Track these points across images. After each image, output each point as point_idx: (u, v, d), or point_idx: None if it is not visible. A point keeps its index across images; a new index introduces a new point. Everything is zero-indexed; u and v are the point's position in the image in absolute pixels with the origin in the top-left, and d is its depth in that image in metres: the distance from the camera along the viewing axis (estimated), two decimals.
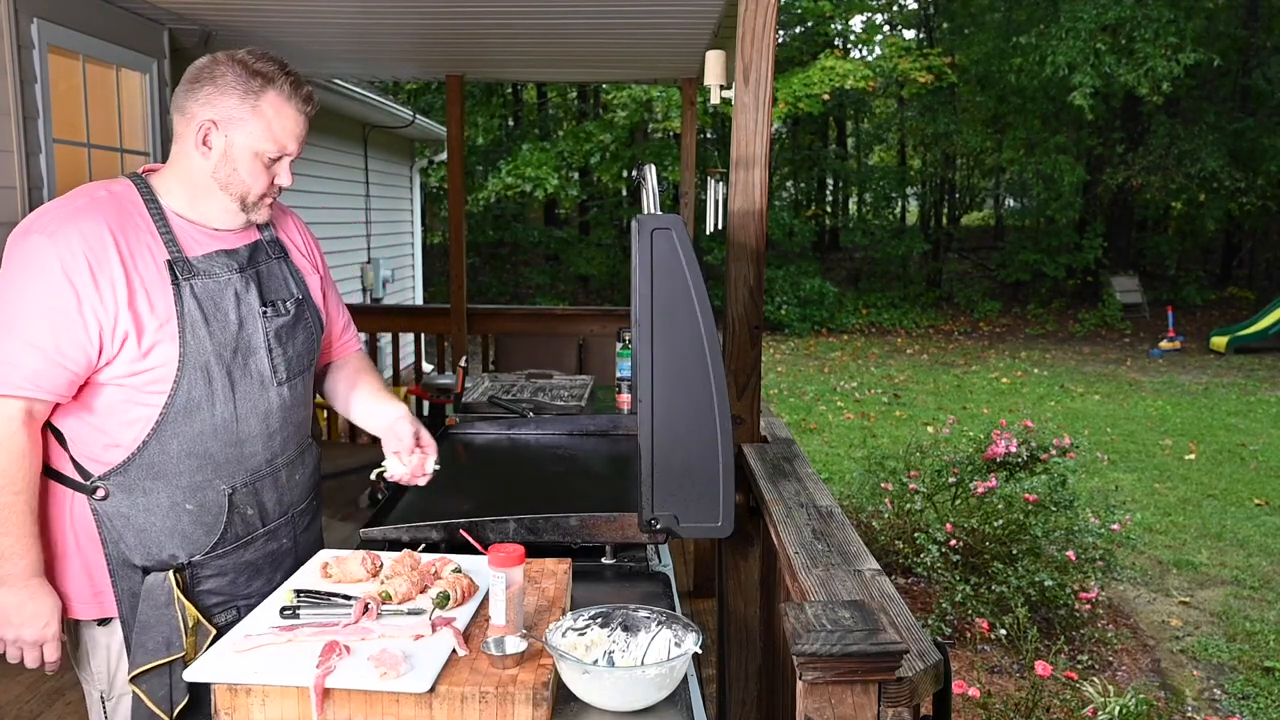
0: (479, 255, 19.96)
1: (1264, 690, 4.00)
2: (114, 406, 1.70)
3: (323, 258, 2.05)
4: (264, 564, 1.86)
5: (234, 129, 1.71)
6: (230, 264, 1.78)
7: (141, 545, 1.72)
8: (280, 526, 1.89)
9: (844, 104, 20.50)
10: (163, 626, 1.70)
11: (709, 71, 2.84)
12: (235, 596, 1.81)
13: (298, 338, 1.87)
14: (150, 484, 1.71)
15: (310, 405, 1.98)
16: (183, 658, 1.69)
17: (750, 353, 2.74)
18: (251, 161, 1.74)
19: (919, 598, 4.61)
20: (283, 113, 1.73)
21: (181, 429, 1.71)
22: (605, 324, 6.57)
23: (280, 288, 1.86)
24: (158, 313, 1.67)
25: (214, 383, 1.72)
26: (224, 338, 1.74)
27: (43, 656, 1.73)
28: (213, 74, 1.71)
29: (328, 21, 5.01)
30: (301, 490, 1.95)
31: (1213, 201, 17.25)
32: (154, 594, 1.71)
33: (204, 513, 1.75)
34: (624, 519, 1.94)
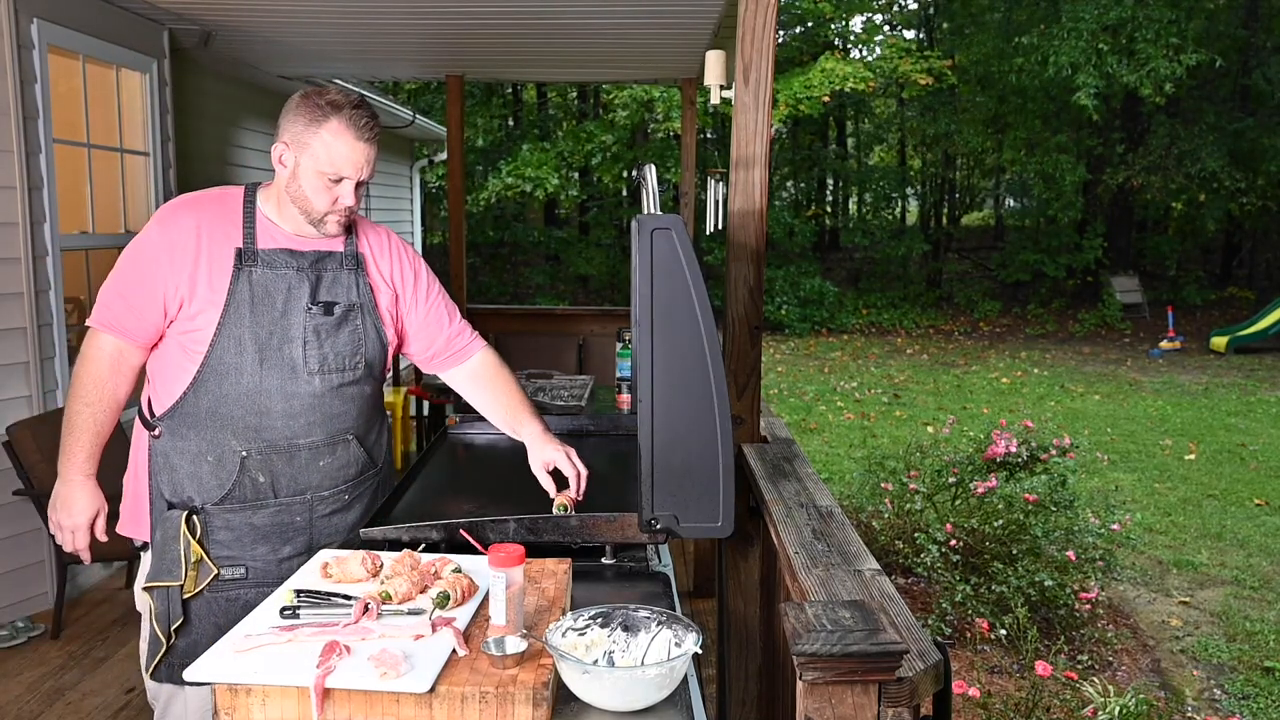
0: (479, 255, 19.95)
1: (1264, 690, 4.00)
2: (172, 359, 2.03)
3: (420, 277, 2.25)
4: (271, 532, 2.06)
5: (301, 151, 1.99)
6: (291, 262, 2.04)
7: (171, 483, 2.04)
8: (295, 503, 2.07)
9: (844, 104, 20.51)
10: (168, 554, 2.00)
11: (709, 71, 2.84)
12: (242, 555, 2.04)
13: (340, 338, 2.08)
14: (186, 431, 2.02)
15: (357, 405, 2.14)
16: (180, 585, 1.99)
17: (750, 353, 2.74)
18: (314, 180, 2.00)
19: (919, 598, 4.61)
20: (340, 139, 1.97)
21: (212, 388, 2.00)
22: (605, 324, 6.57)
23: (339, 292, 2.09)
24: (214, 286, 1.99)
25: (245, 355, 1.99)
26: (265, 320, 2.01)
27: (74, 543, 2.08)
28: (294, 103, 2.01)
29: (328, 21, 5.01)
30: (325, 478, 2.10)
31: (1213, 201, 17.26)
32: (167, 525, 2.01)
33: (220, 467, 2.02)
34: (624, 519, 1.94)
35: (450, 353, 2.30)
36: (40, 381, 4.06)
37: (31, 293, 4.00)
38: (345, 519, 2.14)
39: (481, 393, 2.31)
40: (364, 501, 2.20)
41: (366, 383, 2.16)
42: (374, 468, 2.23)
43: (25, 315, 3.99)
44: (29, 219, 3.98)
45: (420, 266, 2.28)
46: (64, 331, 4.20)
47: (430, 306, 2.26)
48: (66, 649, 3.78)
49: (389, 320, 2.18)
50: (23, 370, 4.01)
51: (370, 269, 2.16)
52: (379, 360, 2.18)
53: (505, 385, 2.30)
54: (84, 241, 4.50)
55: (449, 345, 2.29)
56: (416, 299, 2.24)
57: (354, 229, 2.17)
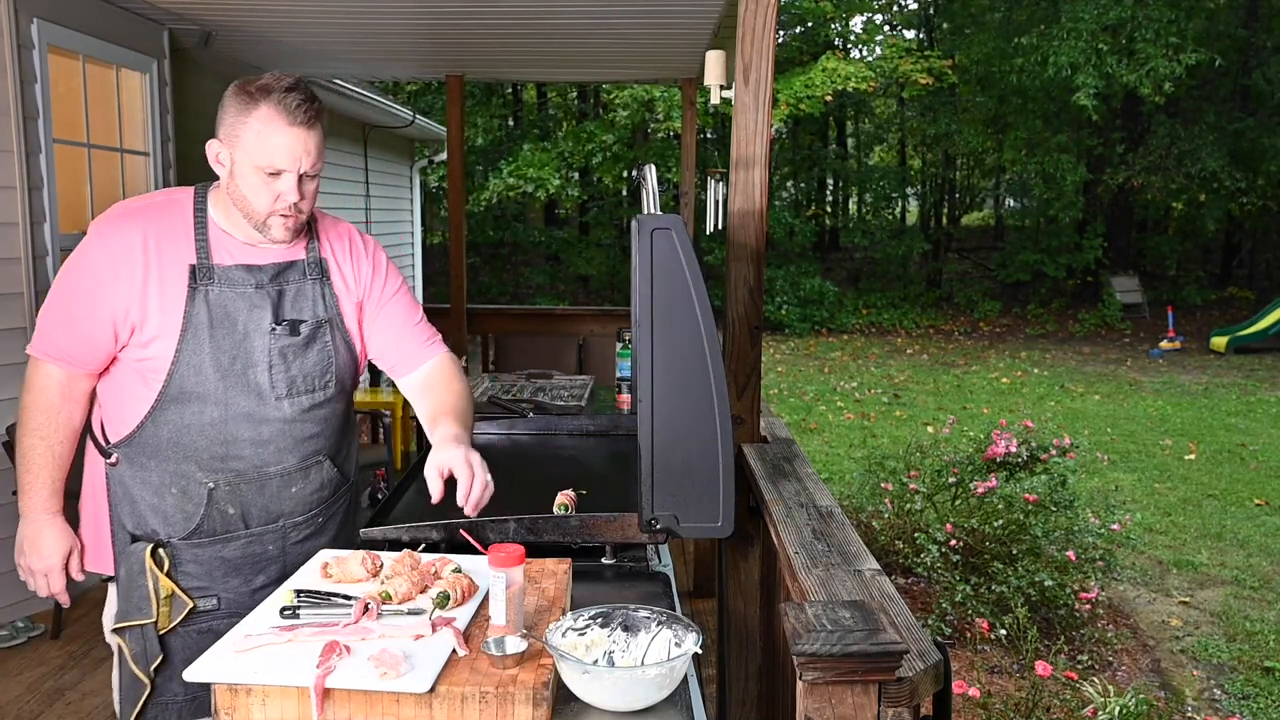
0: (479, 255, 19.95)
1: (1264, 690, 4.00)
2: (126, 385, 1.86)
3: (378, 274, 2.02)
4: (243, 564, 1.91)
5: (234, 147, 1.80)
6: (249, 279, 1.86)
7: (133, 514, 1.88)
8: (267, 533, 1.92)
9: (844, 104, 20.51)
10: (135, 592, 1.84)
11: (709, 71, 2.84)
12: (213, 586, 1.90)
13: (308, 358, 1.91)
14: (146, 460, 1.86)
15: (329, 425, 1.97)
16: (154, 623, 1.84)
17: (750, 353, 2.74)
18: (251, 177, 1.79)
19: (919, 598, 4.61)
20: (271, 127, 1.76)
21: (172, 417, 1.84)
22: (605, 324, 6.58)
23: (305, 308, 1.91)
24: (166, 309, 1.80)
25: (206, 383, 1.83)
26: (226, 344, 1.83)
27: (49, 587, 1.92)
28: (228, 93, 1.82)
29: (328, 21, 5.01)
30: (298, 504, 1.95)
31: (1213, 201, 17.25)
32: (130, 560, 1.85)
33: (185, 500, 1.87)
34: (624, 519, 1.94)
35: (403, 355, 2.06)
36: None
37: (31, 293, 4.00)
38: (319, 542, 1.99)
39: (425, 396, 2.04)
40: (338, 520, 2.05)
41: (339, 400, 1.99)
42: (346, 483, 2.07)
43: (25, 315, 3.99)
44: (29, 219, 3.98)
45: (382, 262, 2.06)
46: None
47: (391, 307, 2.04)
48: (66, 649, 3.78)
49: (356, 329, 2.00)
50: (22, 370, 4.00)
51: (334, 276, 1.96)
52: (350, 375, 2.02)
53: (444, 392, 2.03)
54: None
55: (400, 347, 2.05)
56: (382, 299, 2.03)
57: (314, 231, 1.96)
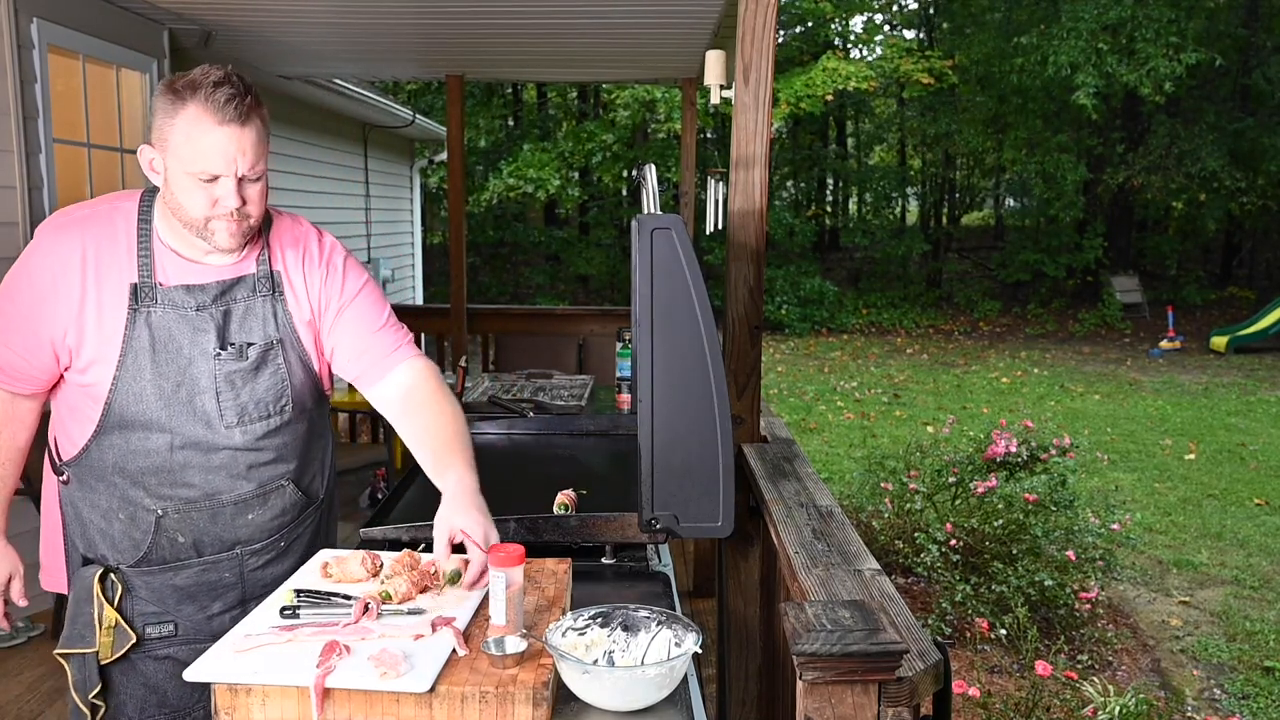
0: (479, 255, 19.95)
1: (1264, 690, 4.00)
2: (73, 404, 1.78)
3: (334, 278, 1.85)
4: (198, 591, 1.81)
5: (166, 152, 1.65)
6: (190, 300, 1.72)
7: (83, 537, 1.81)
8: (221, 560, 1.81)
9: (844, 104, 20.50)
10: (80, 619, 1.77)
11: (709, 71, 2.84)
12: (168, 611, 1.81)
13: (259, 383, 1.77)
14: (94, 483, 1.78)
15: (290, 449, 1.85)
16: (95, 653, 1.76)
17: (750, 353, 2.74)
18: (184, 183, 1.64)
19: (919, 598, 4.61)
20: (198, 127, 1.61)
21: (116, 442, 1.74)
22: (605, 324, 6.58)
23: (254, 328, 1.77)
24: (103, 332, 1.69)
25: (149, 411, 1.71)
26: (169, 370, 1.71)
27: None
28: (155, 95, 1.67)
29: (328, 21, 5.01)
30: (255, 531, 1.83)
31: (1213, 201, 17.25)
32: (79, 585, 1.78)
33: (133, 527, 1.77)
34: (624, 519, 1.94)
35: (361, 368, 1.87)
36: None
37: None
38: (282, 566, 1.86)
39: (408, 418, 1.85)
40: (304, 542, 1.92)
41: (299, 422, 1.85)
42: (313, 504, 1.93)
43: None
44: (29, 219, 3.98)
45: (338, 265, 1.86)
46: None
47: (350, 312, 1.85)
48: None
49: (312, 345, 1.84)
50: None
51: (287, 291, 1.80)
52: (311, 395, 1.87)
53: (436, 412, 1.84)
54: None
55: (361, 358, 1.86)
56: (340, 307, 1.85)
57: (265, 237, 1.80)
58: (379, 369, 1.87)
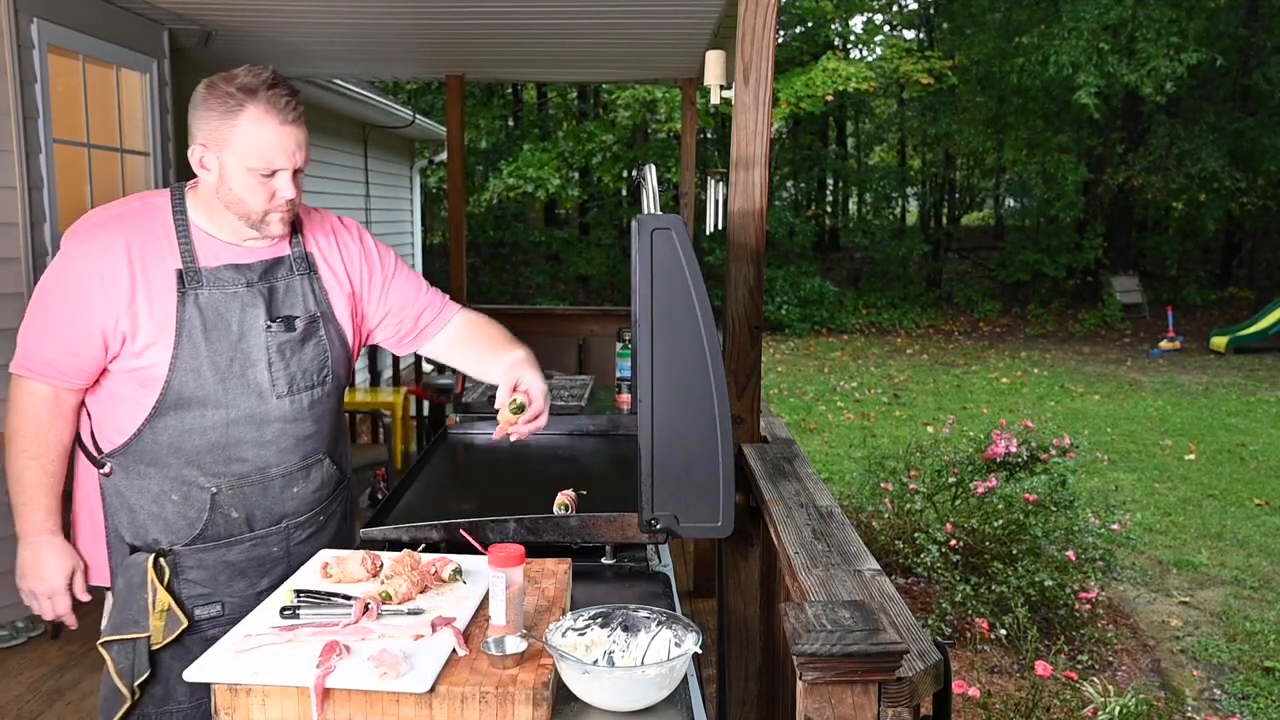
0: (479, 255, 19.95)
1: (1264, 690, 4.00)
2: (120, 394, 1.83)
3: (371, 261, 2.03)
4: (248, 567, 1.90)
5: (222, 150, 1.76)
6: (239, 278, 1.84)
7: (132, 524, 1.85)
8: (270, 534, 1.91)
9: (844, 104, 20.50)
10: (133, 604, 1.81)
11: (709, 71, 2.84)
12: (217, 592, 1.88)
13: (305, 353, 1.90)
14: (144, 469, 1.83)
15: (326, 423, 1.97)
16: (147, 638, 1.81)
17: (750, 353, 2.74)
18: (245, 179, 1.77)
19: (919, 598, 4.61)
20: (263, 127, 1.74)
21: (171, 423, 1.81)
22: (605, 324, 6.58)
23: (296, 304, 1.90)
24: (156, 316, 1.78)
25: (206, 387, 1.80)
26: (222, 346, 1.81)
27: (54, 609, 1.89)
28: (200, 96, 1.77)
29: (328, 21, 5.01)
30: (300, 504, 1.94)
31: (1213, 201, 17.25)
32: (131, 572, 1.82)
33: (187, 506, 1.84)
34: (624, 519, 1.94)
35: (419, 329, 2.09)
36: None
37: (31, 293, 4.00)
38: (321, 541, 1.99)
39: (461, 348, 2.11)
40: (337, 519, 2.06)
41: (334, 395, 1.99)
42: (344, 480, 2.08)
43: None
44: (29, 219, 3.98)
45: (372, 249, 2.05)
46: None
47: (388, 289, 2.04)
48: (66, 649, 3.78)
49: (349, 322, 1.99)
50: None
51: (322, 269, 1.96)
52: (345, 369, 2.01)
53: (485, 328, 2.11)
54: None
55: (418, 322, 2.08)
56: (374, 285, 2.03)
57: (298, 225, 1.95)
58: (436, 325, 2.10)
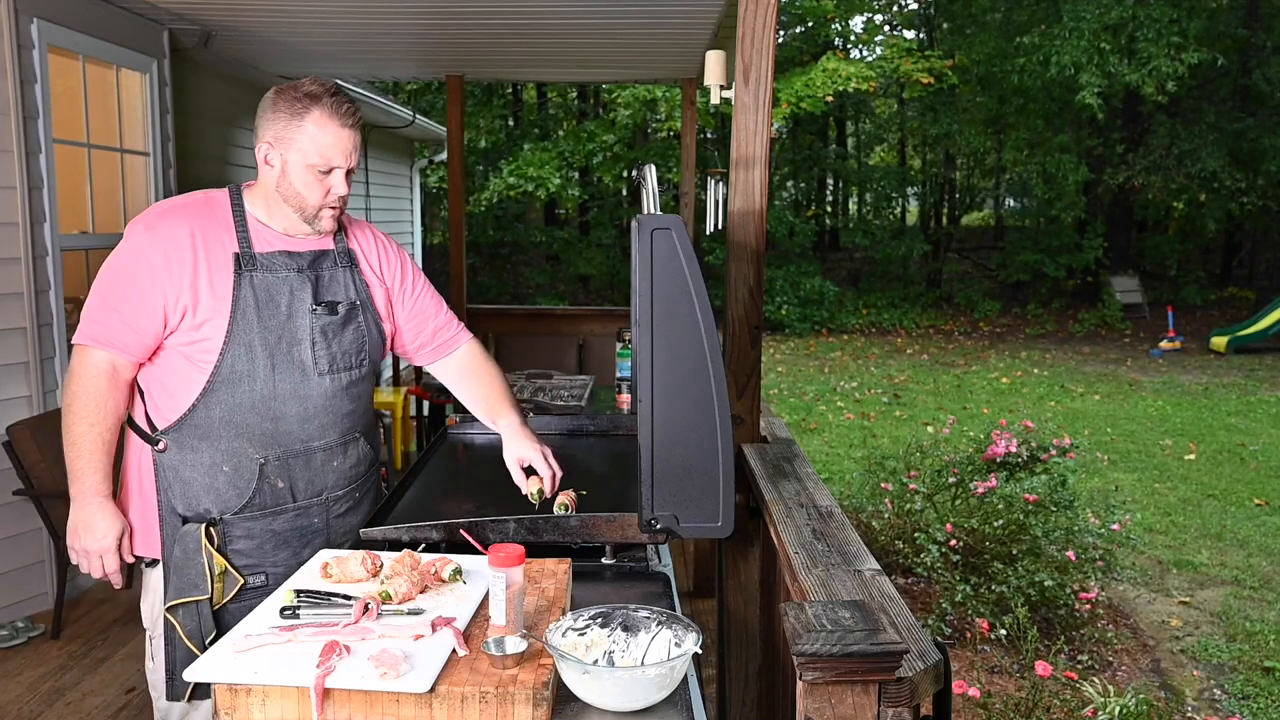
0: (479, 255, 19.95)
1: (1264, 690, 4.00)
2: (175, 370, 1.99)
3: (406, 269, 2.26)
4: (292, 536, 2.05)
5: (287, 148, 1.98)
6: (290, 264, 2.03)
7: (184, 496, 2.00)
8: (312, 505, 2.08)
9: (844, 104, 20.50)
10: (191, 569, 1.96)
11: (709, 71, 2.84)
12: (263, 563, 2.02)
13: (345, 336, 2.08)
14: (197, 443, 1.98)
15: (362, 403, 2.16)
16: (209, 599, 1.96)
17: (750, 353, 2.74)
18: (304, 175, 1.98)
19: (919, 598, 4.61)
20: (325, 130, 1.96)
21: (224, 397, 1.97)
22: (605, 324, 6.58)
23: (339, 291, 2.09)
24: (216, 293, 1.95)
25: (256, 361, 1.97)
26: (272, 324, 1.99)
27: (104, 568, 2.02)
28: (271, 101, 2.00)
29: (328, 21, 5.01)
30: (339, 478, 2.11)
31: (1213, 202, 17.26)
32: (186, 540, 1.97)
33: (238, 476, 1.99)
34: (624, 519, 1.94)
35: (436, 344, 2.31)
36: (40, 381, 4.06)
37: (31, 293, 4.00)
38: (356, 517, 2.16)
39: (466, 384, 2.33)
40: (370, 497, 2.23)
41: (369, 380, 2.19)
42: (376, 462, 2.26)
43: (25, 315, 3.99)
44: (29, 219, 3.98)
45: (406, 259, 2.29)
46: (64, 331, 4.20)
47: (418, 298, 2.28)
48: (66, 649, 3.78)
49: (386, 313, 2.20)
50: (22, 370, 4.01)
51: (363, 265, 2.17)
52: (378, 356, 2.20)
53: (490, 377, 2.33)
54: (84, 241, 4.50)
55: (435, 337, 2.30)
56: (405, 292, 2.25)
57: (342, 228, 2.17)
58: (446, 347, 2.32)
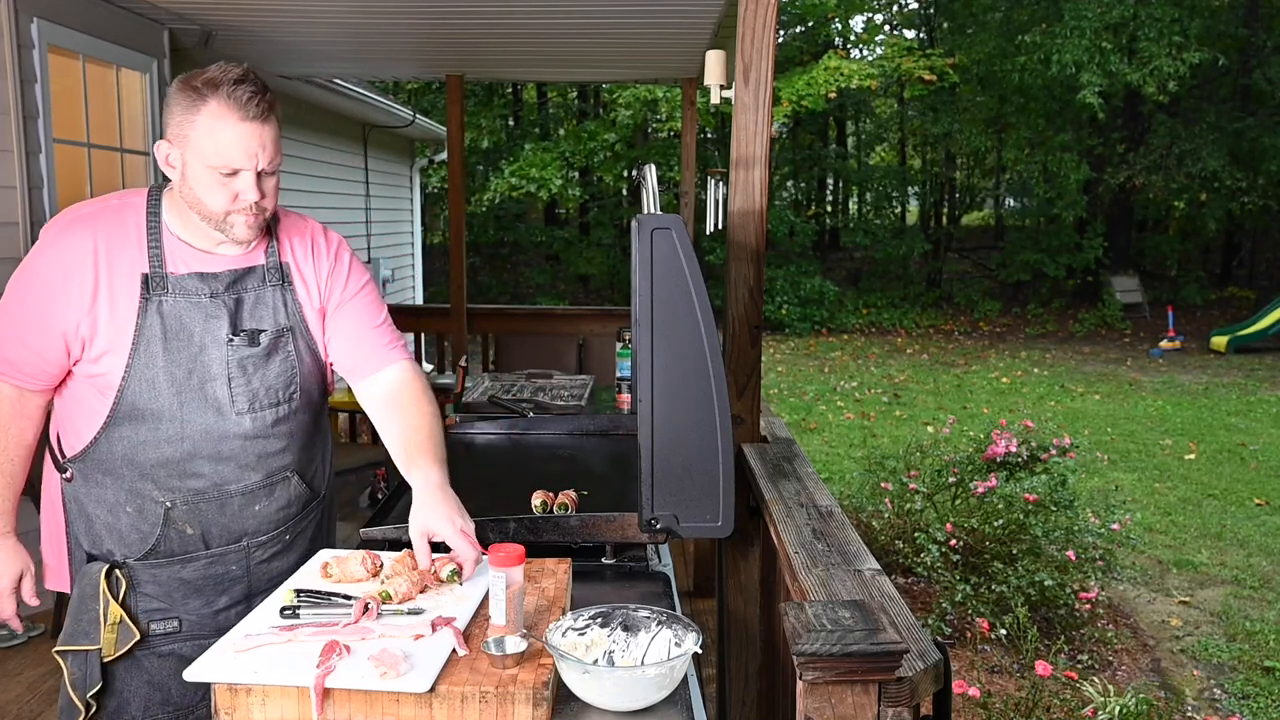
0: (479, 255, 19.95)
1: (1264, 690, 4.00)
2: (80, 399, 1.78)
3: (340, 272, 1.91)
4: (204, 585, 1.82)
5: (185, 146, 1.68)
6: (204, 288, 1.76)
7: (89, 533, 1.81)
8: (228, 553, 1.83)
9: (845, 104, 20.49)
10: (84, 615, 1.76)
11: (709, 71, 2.84)
12: (173, 609, 1.81)
13: (270, 370, 1.81)
14: (100, 478, 1.78)
15: (297, 440, 1.88)
16: (99, 650, 1.75)
17: (750, 353, 2.74)
18: (205, 177, 1.68)
19: (919, 598, 4.61)
20: (222, 123, 1.65)
21: (126, 434, 1.75)
22: (605, 324, 6.57)
23: (264, 316, 1.81)
24: (116, 322, 1.71)
25: (160, 399, 1.74)
26: (181, 358, 1.74)
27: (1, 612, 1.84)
28: (171, 93, 1.70)
29: (328, 21, 5.01)
30: (262, 523, 1.85)
31: (1213, 201, 17.25)
32: (84, 581, 1.78)
33: (141, 519, 1.78)
34: (624, 519, 1.94)
35: (355, 360, 1.92)
36: None
37: None
38: (287, 560, 1.89)
39: (388, 415, 1.89)
40: (307, 537, 1.95)
41: (305, 412, 1.89)
42: (316, 499, 1.97)
43: None
44: (29, 219, 3.98)
45: (345, 259, 1.93)
46: None
47: (349, 303, 1.91)
48: None
49: (320, 334, 1.89)
50: None
51: (296, 281, 1.85)
52: (317, 385, 1.92)
53: (416, 415, 1.88)
54: None
55: (357, 349, 1.92)
56: (342, 298, 1.91)
57: (274, 231, 1.85)
58: (371, 364, 1.92)
